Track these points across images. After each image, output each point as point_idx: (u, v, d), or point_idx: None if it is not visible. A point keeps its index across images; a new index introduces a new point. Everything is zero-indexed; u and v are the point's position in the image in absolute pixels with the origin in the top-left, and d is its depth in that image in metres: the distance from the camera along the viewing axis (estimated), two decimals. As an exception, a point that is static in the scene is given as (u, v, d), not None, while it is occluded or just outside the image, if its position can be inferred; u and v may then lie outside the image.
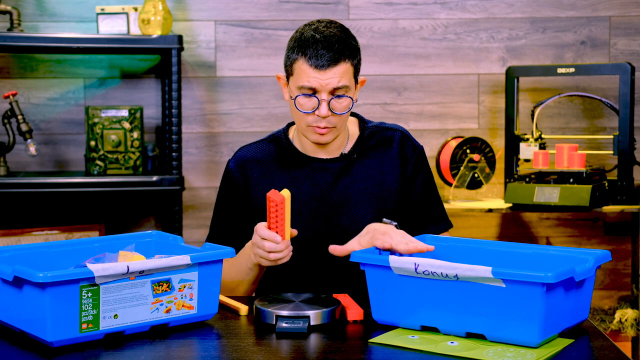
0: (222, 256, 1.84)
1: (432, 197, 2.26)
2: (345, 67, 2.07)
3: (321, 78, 2.05)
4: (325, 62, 2.05)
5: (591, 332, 1.77)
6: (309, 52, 2.06)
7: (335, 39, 2.07)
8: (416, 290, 1.74)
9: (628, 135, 3.34)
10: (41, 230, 3.45)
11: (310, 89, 2.07)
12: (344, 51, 2.07)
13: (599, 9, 3.67)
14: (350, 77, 2.08)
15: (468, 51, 3.67)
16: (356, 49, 2.12)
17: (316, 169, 2.20)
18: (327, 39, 2.06)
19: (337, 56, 2.06)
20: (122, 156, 3.38)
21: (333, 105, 2.07)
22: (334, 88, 2.06)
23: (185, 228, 3.63)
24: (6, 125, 3.38)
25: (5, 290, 1.74)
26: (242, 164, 2.24)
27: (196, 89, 3.63)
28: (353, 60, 2.09)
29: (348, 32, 2.12)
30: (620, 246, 3.73)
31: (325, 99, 2.06)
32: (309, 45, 2.06)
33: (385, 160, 2.22)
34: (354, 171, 2.20)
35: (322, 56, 2.05)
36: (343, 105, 2.08)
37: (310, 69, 2.06)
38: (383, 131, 2.25)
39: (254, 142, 2.29)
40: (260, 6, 3.63)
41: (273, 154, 2.24)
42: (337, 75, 2.06)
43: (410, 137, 2.26)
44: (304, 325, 1.77)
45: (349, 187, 2.18)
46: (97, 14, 3.44)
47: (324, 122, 2.09)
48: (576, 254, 1.81)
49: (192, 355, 1.70)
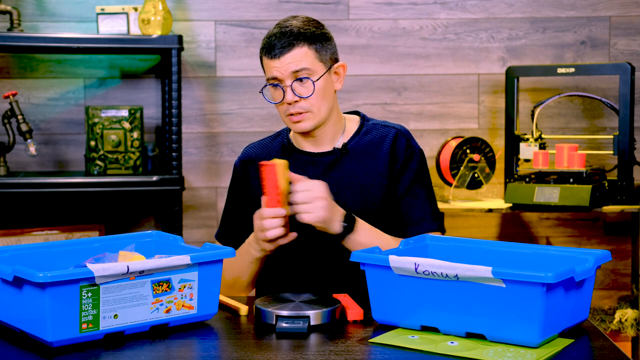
0: (222, 256, 1.84)
1: (418, 197, 2.20)
2: (301, 50, 2.10)
3: (278, 66, 2.11)
4: (278, 51, 2.10)
5: (591, 332, 1.77)
6: (266, 46, 2.13)
7: (289, 29, 2.12)
8: (416, 290, 1.74)
9: (628, 135, 3.34)
10: (41, 230, 3.45)
11: (274, 78, 2.13)
12: (298, 36, 2.11)
13: (599, 9, 3.67)
14: (311, 60, 2.11)
15: (468, 51, 3.67)
16: (318, 35, 2.14)
17: (307, 162, 2.21)
18: (281, 30, 2.12)
19: (290, 41, 2.10)
20: (122, 156, 3.38)
21: (297, 89, 2.11)
22: (293, 72, 2.10)
23: (185, 228, 3.63)
24: (6, 125, 3.38)
25: (5, 290, 1.74)
26: (246, 162, 2.29)
27: (196, 89, 3.63)
28: (312, 44, 2.12)
29: (311, 22, 2.16)
30: (620, 246, 3.73)
31: (288, 85, 2.11)
32: (267, 40, 2.14)
33: (377, 157, 2.20)
34: (344, 166, 2.20)
35: (274, 46, 2.11)
36: (307, 88, 2.11)
37: (269, 60, 2.13)
38: (381, 128, 2.25)
39: (259, 140, 2.34)
40: (260, 6, 3.63)
41: (275, 151, 2.27)
42: (294, 59, 2.10)
43: (407, 136, 2.23)
44: (304, 325, 1.77)
45: (338, 182, 2.18)
46: (97, 14, 3.44)
47: (295, 108, 2.12)
48: (576, 254, 1.81)
49: (192, 355, 1.70)
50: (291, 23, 2.15)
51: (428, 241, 1.99)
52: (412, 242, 1.96)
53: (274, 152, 2.27)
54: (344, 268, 2.10)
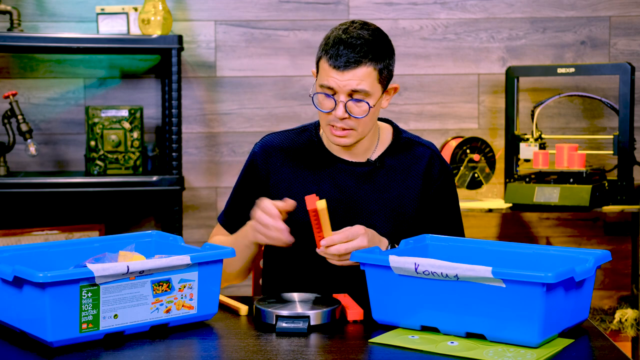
0: (222, 256, 1.84)
1: (453, 221, 2.22)
2: (366, 70, 2.02)
3: (339, 79, 2.02)
4: (343, 63, 2.01)
5: (591, 332, 1.77)
6: (331, 52, 2.03)
7: (361, 42, 2.02)
8: (416, 290, 1.74)
9: (628, 135, 3.34)
10: (41, 230, 3.45)
11: (330, 88, 2.04)
12: (367, 54, 2.02)
13: (599, 9, 3.67)
14: (372, 82, 2.03)
15: (468, 51, 3.68)
16: (385, 54, 2.06)
17: (340, 170, 2.18)
18: (351, 39, 2.02)
19: (358, 58, 2.01)
20: (122, 156, 3.38)
21: (350, 108, 2.04)
22: (352, 90, 2.02)
23: (185, 228, 3.63)
24: (6, 125, 3.38)
25: (5, 290, 1.74)
26: (267, 150, 2.22)
27: (196, 89, 3.63)
28: (378, 64, 2.04)
29: (380, 36, 2.07)
30: (620, 246, 3.73)
31: (342, 101, 2.03)
32: (333, 45, 2.03)
33: (411, 175, 2.18)
34: (378, 179, 2.17)
35: (341, 56, 2.01)
36: (361, 110, 2.04)
37: (330, 69, 2.03)
38: (416, 145, 2.21)
39: (282, 130, 2.27)
40: (260, 6, 3.63)
41: (300, 146, 2.21)
42: (356, 78, 2.02)
43: (441, 157, 2.22)
44: (304, 325, 1.77)
45: (369, 195, 2.15)
46: (97, 14, 3.44)
47: (341, 123, 2.06)
48: (576, 254, 1.81)
49: (192, 355, 1.70)
50: (361, 34, 2.04)
51: (428, 241, 1.99)
52: (412, 242, 1.96)
53: (300, 147, 2.21)
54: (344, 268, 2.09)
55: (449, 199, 2.22)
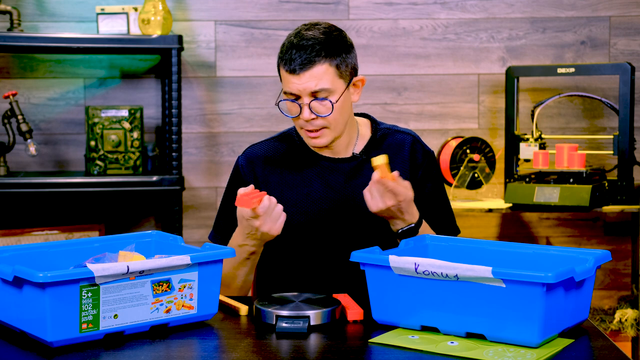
0: (222, 256, 1.84)
1: (441, 202, 2.26)
2: (321, 68, 2.03)
3: (298, 82, 2.04)
4: (298, 66, 2.03)
5: (591, 332, 1.77)
6: (286, 57, 2.05)
7: (311, 42, 2.04)
8: (416, 290, 1.74)
9: (628, 135, 3.34)
10: (41, 230, 3.45)
11: (292, 94, 2.06)
12: (319, 52, 2.03)
13: (599, 9, 3.67)
14: (331, 79, 2.04)
15: (468, 51, 3.68)
16: (339, 48, 2.06)
17: (327, 168, 2.19)
18: (301, 41, 2.04)
19: (311, 58, 2.03)
20: (122, 156, 3.38)
21: (315, 108, 2.05)
22: (313, 91, 2.04)
23: (185, 228, 3.63)
24: (6, 125, 3.38)
25: (5, 290, 1.74)
26: (252, 161, 2.23)
27: (196, 89, 3.63)
28: (333, 60, 2.05)
29: (332, 33, 2.08)
30: (620, 246, 3.73)
31: (306, 103, 2.05)
32: (286, 50, 2.06)
33: (396, 163, 2.19)
34: (365, 173, 2.18)
35: (294, 60, 2.03)
36: (326, 108, 2.06)
37: (287, 74, 2.06)
38: (395, 134, 2.24)
39: (263, 140, 2.28)
40: (260, 6, 3.63)
41: (283, 153, 2.22)
42: (314, 78, 2.03)
43: (421, 142, 2.25)
44: (304, 325, 1.77)
45: (360, 188, 2.16)
46: (97, 14, 3.44)
47: (310, 125, 2.08)
48: (576, 254, 1.81)
49: (192, 355, 1.70)
50: (312, 34, 2.05)
51: (428, 241, 1.99)
52: (412, 242, 1.96)
53: (283, 152, 2.22)
54: (344, 268, 2.10)
55: (435, 179, 2.25)
